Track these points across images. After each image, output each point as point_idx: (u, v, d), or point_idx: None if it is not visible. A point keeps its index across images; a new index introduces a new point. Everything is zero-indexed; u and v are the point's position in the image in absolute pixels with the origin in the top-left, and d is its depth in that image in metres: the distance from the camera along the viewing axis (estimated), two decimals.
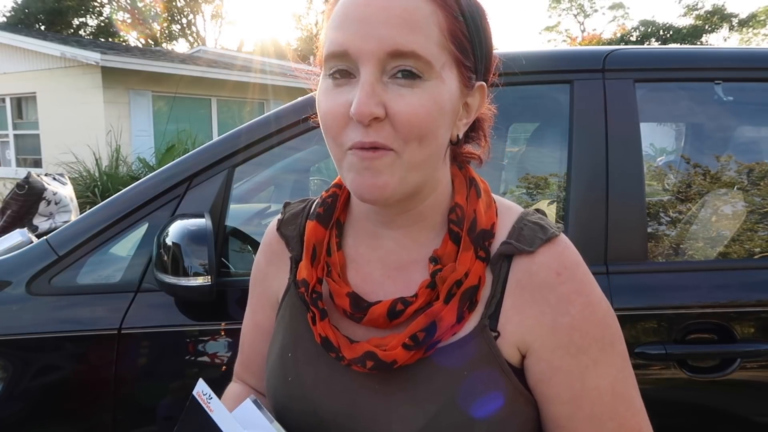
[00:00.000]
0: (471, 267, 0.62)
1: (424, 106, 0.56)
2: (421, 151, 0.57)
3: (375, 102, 0.54)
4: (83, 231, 1.36)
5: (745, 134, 1.76)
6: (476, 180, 0.69)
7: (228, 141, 1.42)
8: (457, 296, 0.61)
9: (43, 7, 23.19)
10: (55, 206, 2.35)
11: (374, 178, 0.57)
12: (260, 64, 11.91)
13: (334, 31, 0.57)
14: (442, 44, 0.57)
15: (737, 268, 1.38)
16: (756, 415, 1.29)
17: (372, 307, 0.63)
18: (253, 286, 0.80)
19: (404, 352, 0.60)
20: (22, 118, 10.18)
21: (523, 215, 0.67)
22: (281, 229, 0.76)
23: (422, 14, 0.55)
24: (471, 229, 0.64)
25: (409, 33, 0.54)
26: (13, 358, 1.28)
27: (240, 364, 0.84)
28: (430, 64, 0.55)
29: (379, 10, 0.55)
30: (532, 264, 0.62)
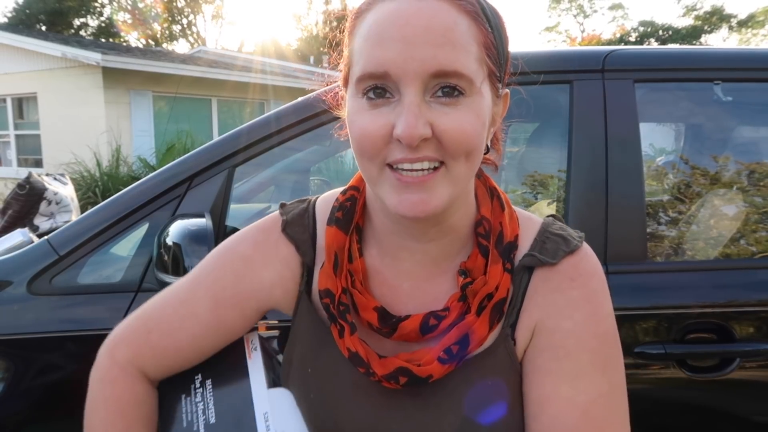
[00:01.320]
0: (500, 279, 0.62)
1: (470, 123, 0.55)
2: (467, 165, 0.57)
3: (423, 122, 0.53)
4: (84, 231, 1.37)
5: (744, 134, 1.76)
6: (497, 191, 0.68)
7: (228, 141, 1.43)
8: (488, 309, 0.62)
9: (44, 8, 23.20)
10: (56, 206, 2.35)
11: (424, 198, 0.55)
12: (260, 64, 11.92)
13: (371, 49, 0.55)
14: (481, 59, 0.56)
15: (736, 268, 1.38)
16: (755, 414, 1.29)
17: (403, 323, 0.62)
18: (232, 280, 0.69)
19: (440, 366, 0.60)
20: (23, 118, 10.19)
21: (546, 226, 0.67)
22: (288, 231, 0.70)
23: (461, 30, 0.54)
24: (498, 242, 0.64)
25: (451, 51, 0.53)
26: (15, 357, 1.28)
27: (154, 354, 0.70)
28: (472, 80, 0.55)
29: (421, 29, 0.53)
30: (549, 272, 0.64)
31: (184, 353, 0.71)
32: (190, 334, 0.70)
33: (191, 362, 0.72)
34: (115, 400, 0.70)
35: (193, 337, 0.70)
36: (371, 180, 0.59)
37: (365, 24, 0.56)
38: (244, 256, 0.70)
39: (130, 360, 0.71)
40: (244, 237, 0.72)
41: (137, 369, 0.71)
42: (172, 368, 0.72)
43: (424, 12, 0.53)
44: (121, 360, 0.71)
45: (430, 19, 0.53)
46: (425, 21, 0.53)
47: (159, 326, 0.70)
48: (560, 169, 1.54)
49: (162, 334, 0.70)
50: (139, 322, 0.72)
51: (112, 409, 0.69)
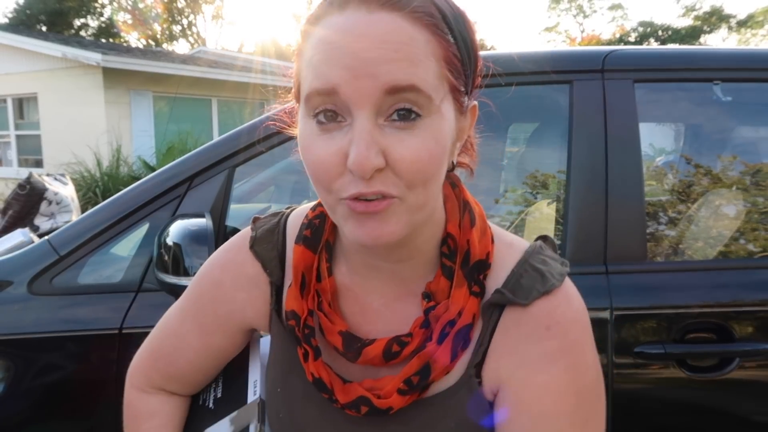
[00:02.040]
0: (464, 305, 0.58)
1: (427, 149, 0.51)
2: (425, 193, 0.53)
3: (375, 152, 0.49)
4: (84, 231, 1.37)
5: (743, 134, 1.76)
6: (470, 204, 0.63)
7: (228, 141, 1.43)
8: (450, 336, 0.58)
9: (45, 8, 23.21)
10: (56, 206, 2.35)
11: (379, 227, 0.52)
12: (260, 64, 11.91)
13: (319, 65, 0.50)
14: (440, 75, 0.51)
15: (736, 268, 1.38)
16: (754, 414, 1.29)
17: (366, 348, 0.60)
18: (207, 305, 0.70)
19: (400, 398, 0.58)
20: (23, 119, 10.19)
21: (527, 256, 0.61)
22: (255, 248, 0.68)
23: (418, 45, 0.49)
24: (464, 262, 0.60)
25: (408, 67, 0.49)
26: (15, 357, 1.29)
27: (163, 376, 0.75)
28: (430, 98, 0.50)
29: (373, 44, 0.48)
30: (524, 314, 0.58)
31: (189, 375, 0.75)
32: (187, 360, 0.73)
33: (201, 380, 0.76)
34: (138, 416, 0.76)
35: (191, 363, 0.73)
36: (327, 208, 0.56)
37: (314, 37, 0.52)
38: (215, 281, 0.70)
39: (146, 383, 0.76)
40: (215, 259, 0.72)
41: (155, 387, 0.77)
42: (188, 385, 0.77)
43: (376, 26, 0.49)
44: (138, 385, 0.77)
45: (383, 34, 0.48)
46: (378, 35, 0.48)
47: (161, 356, 0.75)
48: (560, 170, 1.55)
49: (165, 362, 0.74)
50: (145, 353, 0.77)
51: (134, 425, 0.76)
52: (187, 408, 0.79)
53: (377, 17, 0.49)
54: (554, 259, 0.62)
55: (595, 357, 0.59)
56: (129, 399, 0.77)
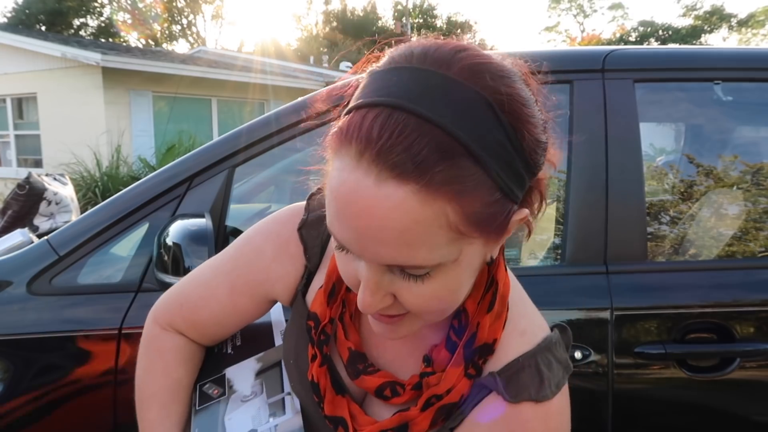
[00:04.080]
0: (456, 384, 0.59)
1: (437, 298, 0.51)
2: (441, 315, 0.55)
3: (380, 297, 0.51)
4: (84, 231, 1.37)
5: (744, 134, 1.76)
6: (497, 283, 0.60)
7: (228, 141, 1.43)
8: (434, 408, 0.59)
9: (44, 8, 23.21)
10: (55, 206, 2.35)
11: (392, 332, 0.56)
12: (260, 64, 11.92)
13: (331, 214, 0.50)
14: (454, 239, 0.48)
15: (737, 268, 1.38)
16: (755, 414, 1.29)
17: (364, 376, 0.63)
18: (244, 268, 0.73)
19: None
20: (22, 119, 10.19)
21: (537, 351, 0.59)
22: (303, 232, 0.70)
23: (423, 226, 0.46)
24: (469, 342, 0.59)
25: (409, 251, 0.47)
26: (14, 358, 1.28)
27: (185, 322, 0.77)
28: (439, 264, 0.49)
29: (373, 225, 0.46)
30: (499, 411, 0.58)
31: (210, 327, 0.78)
32: (212, 313, 0.76)
33: (220, 334, 0.79)
34: (155, 348, 0.78)
35: (215, 316, 0.76)
36: None
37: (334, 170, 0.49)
38: (257, 248, 0.73)
39: (169, 323, 0.78)
40: (261, 228, 0.75)
41: (176, 330, 0.79)
42: (205, 336, 0.79)
43: (380, 206, 0.45)
44: (161, 322, 0.79)
45: (384, 216, 0.45)
46: (379, 217, 0.45)
47: (188, 302, 0.77)
48: (560, 170, 1.55)
49: (190, 309, 0.77)
50: (174, 295, 0.79)
51: (152, 356, 0.78)
52: (203, 356, 0.82)
53: (383, 191, 0.45)
54: (560, 364, 0.61)
55: None
56: (151, 333, 0.79)
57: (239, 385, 0.76)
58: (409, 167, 0.44)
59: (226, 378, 0.78)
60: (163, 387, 0.77)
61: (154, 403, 0.76)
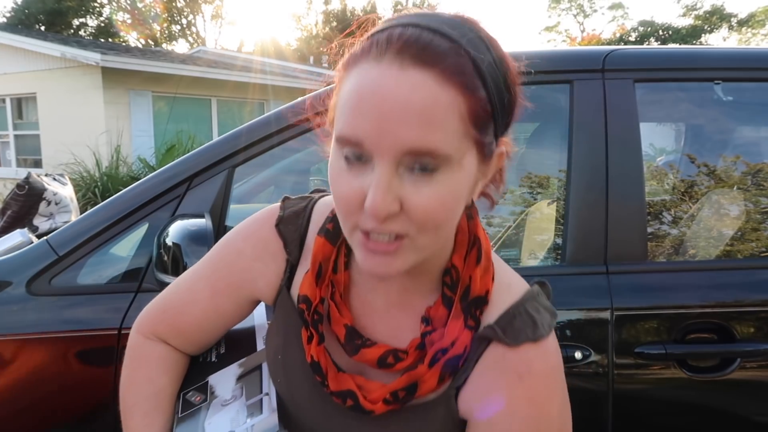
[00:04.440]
0: (458, 336, 0.62)
1: (441, 200, 0.54)
2: (435, 236, 0.57)
3: (391, 199, 0.53)
4: (83, 231, 1.37)
5: (744, 134, 1.76)
6: (480, 240, 0.65)
7: (228, 141, 1.43)
8: (440, 362, 0.62)
9: (44, 8, 23.20)
10: (55, 206, 2.35)
11: (386, 264, 0.56)
12: (260, 64, 11.91)
13: (349, 114, 0.53)
14: (463, 133, 0.53)
15: (737, 268, 1.38)
16: (756, 414, 1.29)
17: (364, 349, 0.64)
18: (224, 270, 0.75)
19: (383, 406, 0.63)
20: (22, 119, 10.18)
21: (524, 300, 0.65)
22: (280, 227, 0.73)
23: (442, 108, 0.52)
24: (464, 296, 0.63)
25: (428, 132, 0.51)
26: (14, 358, 1.28)
27: (169, 328, 0.78)
28: (449, 157, 0.53)
29: (397, 105, 0.51)
30: (503, 356, 0.62)
31: (193, 333, 0.79)
32: (194, 318, 0.77)
33: (203, 340, 0.80)
34: (138, 357, 0.79)
35: (197, 321, 0.77)
36: (345, 232, 0.59)
37: (350, 81, 0.55)
38: (237, 249, 0.75)
39: (152, 331, 0.80)
40: (240, 229, 0.77)
41: (159, 338, 0.80)
42: (189, 342, 0.80)
43: (403, 87, 0.51)
44: (144, 331, 0.80)
45: (407, 96, 0.51)
46: (403, 98, 0.51)
47: (170, 308, 0.79)
48: (560, 169, 1.54)
49: (173, 315, 0.78)
50: (157, 303, 0.80)
51: (136, 365, 0.79)
52: (187, 364, 0.82)
53: (407, 76, 0.52)
54: (546, 310, 0.66)
55: (560, 413, 0.63)
56: (134, 343, 0.80)
57: (220, 390, 0.76)
58: (428, 57, 0.52)
59: (208, 385, 0.78)
60: (147, 395, 0.77)
61: (137, 412, 0.76)
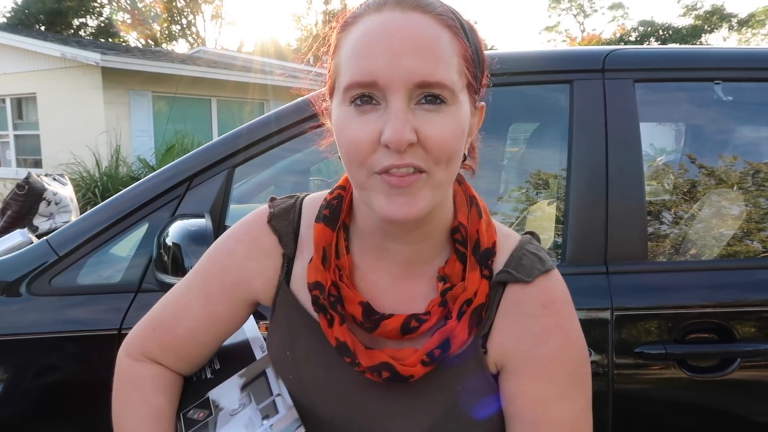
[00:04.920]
0: (479, 286, 0.65)
1: (452, 130, 0.58)
2: (447, 171, 0.60)
3: (409, 128, 0.56)
4: (83, 231, 1.36)
5: (744, 134, 1.76)
6: (476, 199, 0.71)
7: (228, 141, 1.43)
8: (467, 314, 0.65)
9: (44, 8, 23.19)
10: (55, 206, 2.34)
11: (408, 203, 0.58)
12: (260, 64, 11.91)
13: (359, 60, 0.58)
14: (460, 70, 0.60)
15: (737, 268, 1.38)
16: (756, 414, 1.29)
17: (385, 321, 0.66)
18: (217, 274, 0.74)
19: (422, 368, 0.64)
20: (22, 119, 10.18)
21: (523, 243, 0.70)
22: (273, 223, 0.73)
23: (444, 44, 0.58)
24: (475, 249, 0.67)
25: (435, 63, 0.57)
26: (14, 358, 1.28)
27: (160, 346, 0.76)
28: (453, 91, 0.58)
29: (406, 41, 0.56)
30: (522, 293, 0.66)
31: (186, 346, 0.76)
32: (187, 328, 0.75)
33: (196, 355, 0.78)
34: (128, 380, 0.76)
35: (190, 332, 0.75)
36: (359, 185, 0.61)
37: (352, 36, 0.60)
38: (228, 250, 0.75)
39: (141, 353, 0.77)
40: (230, 233, 0.77)
41: (150, 359, 0.77)
42: (182, 358, 0.77)
43: (409, 25, 0.57)
44: (133, 353, 0.77)
45: (415, 32, 0.57)
46: (411, 33, 0.57)
47: (161, 324, 0.76)
48: (560, 169, 1.54)
49: (163, 330, 0.76)
50: (145, 322, 0.78)
51: (128, 389, 0.76)
52: (181, 385, 0.79)
53: (410, 17, 0.58)
54: (542, 249, 0.72)
55: (580, 331, 0.68)
56: (123, 366, 0.77)
57: (225, 402, 0.74)
58: (424, 5, 0.59)
59: (210, 400, 0.75)
60: (144, 417, 0.73)
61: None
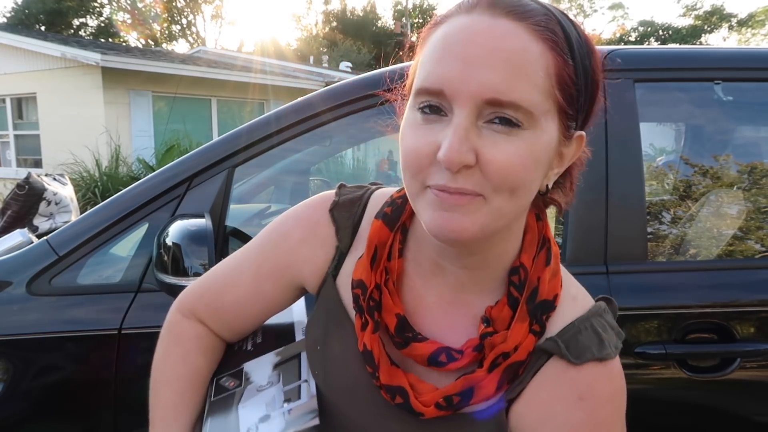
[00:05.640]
0: (522, 341, 0.59)
1: (520, 157, 0.51)
2: (510, 202, 0.54)
3: (467, 148, 0.51)
4: (84, 231, 1.36)
5: (744, 134, 1.76)
6: (550, 242, 0.63)
7: (228, 141, 1.42)
8: (501, 368, 0.58)
9: (44, 8, 23.20)
10: (55, 206, 2.35)
11: (456, 221, 0.53)
12: (260, 64, 11.91)
13: (432, 64, 0.53)
14: (547, 91, 0.52)
15: (737, 268, 1.38)
16: (756, 414, 1.29)
17: (416, 343, 0.61)
18: (270, 253, 0.73)
19: (435, 410, 0.59)
20: (22, 119, 10.18)
21: (590, 315, 0.61)
22: (334, 213, 0.71)
23: (530, 57, 0.51)
24: (531, 297, 0.60)
25: (513, 79, 0.50)
26: (14, 358, 1.28)
27: (208, 309, 0.77)
28: (531, 114, 0.51)
29: (484, 50, 0.50)
30: (564, 374, 0.58)
31: (232, 315, 0.77)
32: (234, 298, 0.75)
33: (241, 325, 0.78)
34: (174, 335, 0.78)
35: (237, 302, 0.75)
36: (411, 195, 0.57)
37: (436, 36, 0.55)
38: (285, 232, 0.73)
39: (191, 310, 0.78)
40: (291, 213, 0.75)
41: (198, 319, 0.78)
42: (227, 325, 0.78)
43: (493, 32, 0.51)
44: (183, 310, 0.79)
45: (497, 41, 0.51)
46: (492, 42, 0.51)
47: (211, 288, 0.77)
48: None
49: (213, 295, 0.76)
50: (198, 283, 0.79)
51: (171, 342, 0.77)
52: (222, 350, 0.80)
53: (499, 23, 0.52)
54: (613, 329, 0.62)
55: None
56: (172, 320, 0.79)
57: (256, 377, 0.75)
58: (520, 10, 0.52)
59: (243, 371, 0.77)
60: (180, 374, 0.75)
61: (168, 389, 0.75)
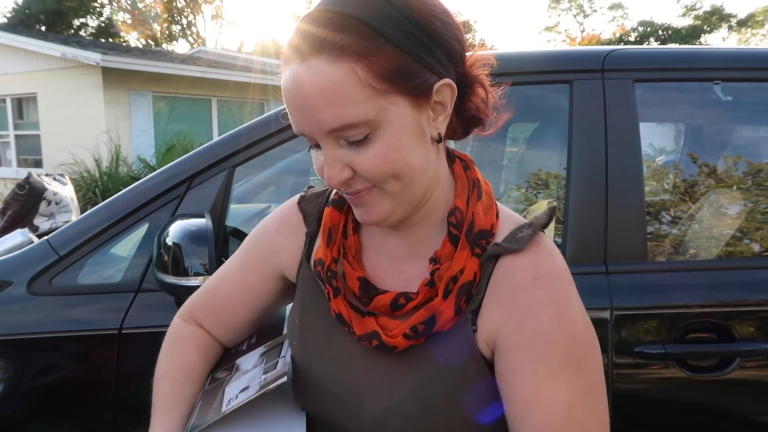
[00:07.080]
0: (466, 263, 0.66)
1: (381, 157, 0.60)
2: (399, 183, 0.62)
3: (340, 168, 0.61)
4: (84, 231, 1.37)
5: (744, 134, 1.76)
6: (480, 182, 0.71)
7: (228, 141, 1.43)
8: (454, 292, 0.65)
9: (44, 8, 23.20)
10: (55, 206, 2.35)
11: (372, 211, 0.65)
12: (260, 64, 11.90)
13: (289, 114, 0.62)
14: (373, 95, 0.58)
15: (737, 268, 1.38)
16: (755, 414, 1.29)
17: (377, 296, 0.69)
18: (253, 246, 0.84)
19: (404, 341, 0.66)
20: (22, 119, 10.18)
21: (526, 224, 0.69)
22: (302, 204, 0.81)
23: (338, 83, 0.57)
24: (469, 230, 0.67)
25: (336, 109, 0.57)
26: (14, 358, 1.28)
27: (204, 309, 0.86)
28: (369, 121, 0.58)
29: (304, 99, 0.58)
30: (512, 266, 0.65)
31: (225, 310, 0.85)
32: (225, 293, 0.85)
33: (233, 319, 0.86)
34: (174, 336, 0.87)
35: (228, 296, 0.84)
36: None
37: (282, 83, 0.62)
38: (265, 227, 0.84)
39: (189, 313, 0.88)
40: (270, 214, 0.85)
41: (196, 322, 0.87)
42: (221, 321, 0.86)
43: (305, 78, 0.58)
44: (183, 315, 0.89)
45: (311, 85, 0.57)
46: (308, 88, 0.58)
47: (206, 289, 0.87)
48: (560, 169, 1.55)
49: (208, 294, 0.87)
50: (197, 290, 0.89)
51: (171, 342, 0.86)
52: (219, 351, 0.89)
53: (309, 66, 0.58)
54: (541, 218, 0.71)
55: (581, 309, 0.65)
56: (173, 326, 0.88)
57: (245, 365, 0.82)
58: (317, 45, 0.57)
59: (235, 365, 0.84)
60: (178, 366, 0.83)
61: (167, 379, 0.82)
